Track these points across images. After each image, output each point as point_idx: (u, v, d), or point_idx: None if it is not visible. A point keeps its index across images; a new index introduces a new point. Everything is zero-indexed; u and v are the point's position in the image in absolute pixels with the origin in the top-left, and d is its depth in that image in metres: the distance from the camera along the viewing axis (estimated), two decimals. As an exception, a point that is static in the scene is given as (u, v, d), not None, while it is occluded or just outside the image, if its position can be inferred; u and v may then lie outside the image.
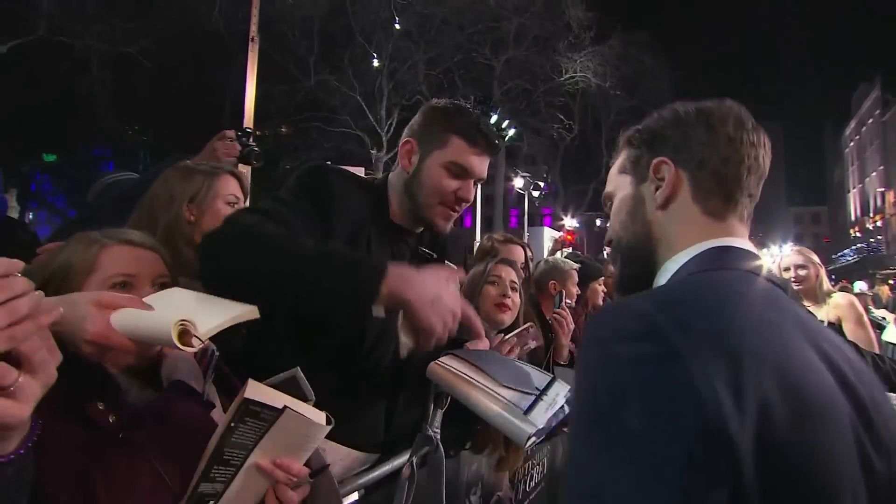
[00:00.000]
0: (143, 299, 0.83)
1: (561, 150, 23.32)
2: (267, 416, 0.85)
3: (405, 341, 1.18)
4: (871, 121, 42.48)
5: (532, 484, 2.22)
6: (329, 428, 0.91)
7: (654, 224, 0.82)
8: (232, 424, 0.83)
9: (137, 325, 0.80)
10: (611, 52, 20.44)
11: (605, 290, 3.33)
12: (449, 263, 1.46)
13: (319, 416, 0.91)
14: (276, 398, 0.87)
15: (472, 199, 1.33)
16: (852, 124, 48.63)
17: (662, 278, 0.79)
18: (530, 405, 1.15)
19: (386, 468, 1.31)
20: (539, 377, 1.30)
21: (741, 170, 0.80)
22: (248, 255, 1.03)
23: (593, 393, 0.61)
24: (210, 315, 0.83)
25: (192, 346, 0.78)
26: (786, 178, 65.52)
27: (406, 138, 1.34)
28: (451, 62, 19.08)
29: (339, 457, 1.26)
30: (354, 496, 1.27)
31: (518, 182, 20.24)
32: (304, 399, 0.92)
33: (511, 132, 16.95)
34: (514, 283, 2.04)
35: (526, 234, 17.67)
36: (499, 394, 1.18)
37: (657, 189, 0.82)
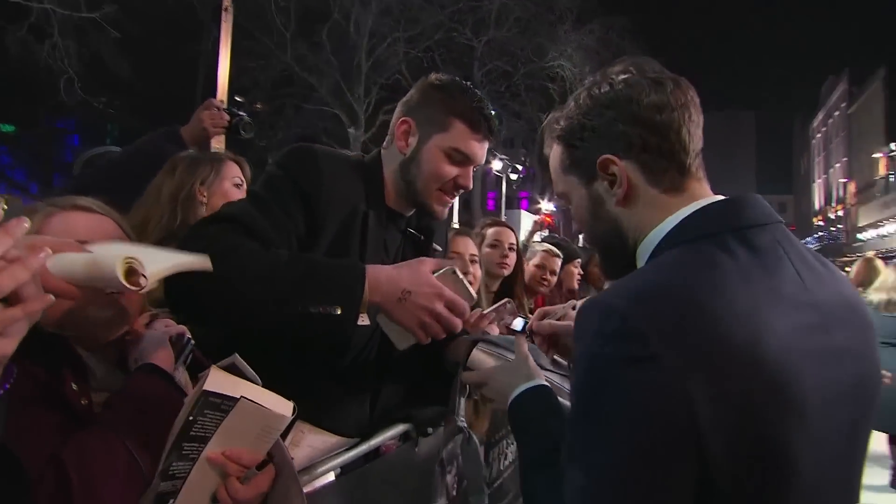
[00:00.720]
0: (85, 247, 0.76)
1: (539, 133, 23.31)
2: (227, 406, 0.82)
3: (398, 337, 1.13)
4: (837, 113, 43.63)
5: (506, 462, 2.27)
6: (291, 419, 0.88)
7: (618, 219, 0.81)
8: (191, 418, 0.79)
9: (77, 266, 0.73)
10: (591, 36, 20.40)
11: (581, 272, 3.40)
12: (436, 246, 1.42)
13: (284, 406, 0.87)
14: (237, 387, 0.83)
15: (471, 186, 1.28)
16: (820, 116, 49.90)
17: (640, 262, 0.79)
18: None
19: (363, 448, 1.32)
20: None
21: (682, 135, 0.76)
22: (219, 289, 0.97)
23: (580, 388, 0.65)
24: (158, 258, 0.78)
25: (140, 286, 0.72)
26: (756, 167, 67.14)
27: (403, 117, 1.25)
28: (432, 41, 18.76)
29: (320, 441, 1.26)
30: (331, 476, 1.28)
31: (496, 165, 20.20)
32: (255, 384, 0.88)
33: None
34: (474, 255, 2.06)
35: (503, 217, 17.73)
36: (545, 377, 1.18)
37: (611, 185, 0.79)
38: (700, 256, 0.69)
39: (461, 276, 1.12)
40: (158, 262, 0.77)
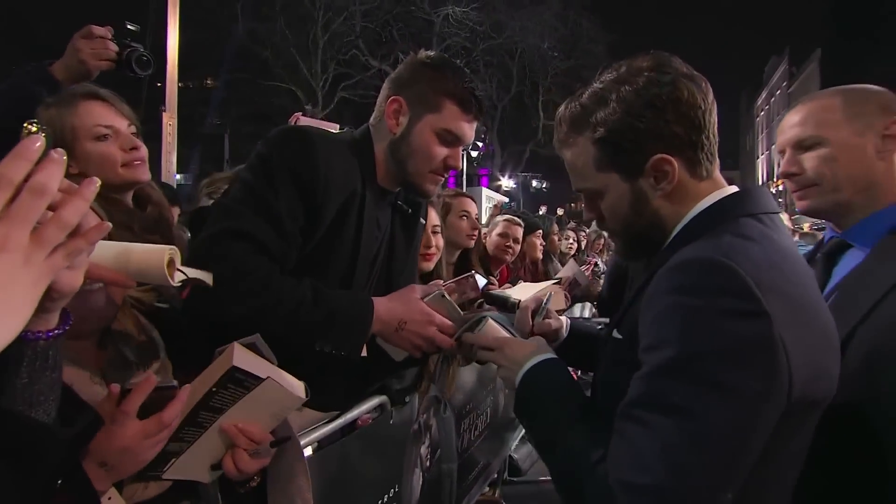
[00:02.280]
0: None
1: (499, 110, 23.34)
2: (250, 384, 0.85)
3: (394, 352, 1.22)
4: (779, 92, 45.55)
5: (476, 433, 2.35)
6: (305, 399, 0.92)
7: (660, 211, 0.85)
8: (213, 389, 0.82)
9: (114, 255, 0.74)
10: (549, 12, 20.41)
11: (544, 243, 3.47)
12: (422, 220, 1.45)
13: (299, 388, 0.92)
14: (261, 366, 0.87)
15: (460, 166, 1.28)
16: (763, 94, 51.94)
17: (666, 241, 0.86)
18: None
19: (339, 422, 1.34)
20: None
21: (714, 129, 0.84)
22: (248, 309, 1.07)
23: (679, 340, 0.70)
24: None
25: (173, 281, 0.76)
26: (706, 144, 69.37)
27: (393, 95, 1.23)
28: (389, 15, 18.33)
29: (297, 415, 1.27)
30: (309, 450, 1.29)
31: (457, 142, 20.01)
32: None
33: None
34: (436, 226, 2.07)
35: (465, 195, 17.72)
36: None
37: (657, 181, 0.83)
38: (753, 230, 0.78)
39: (449, 297, 1.21)
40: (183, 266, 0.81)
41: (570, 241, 4.53)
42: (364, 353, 1.15)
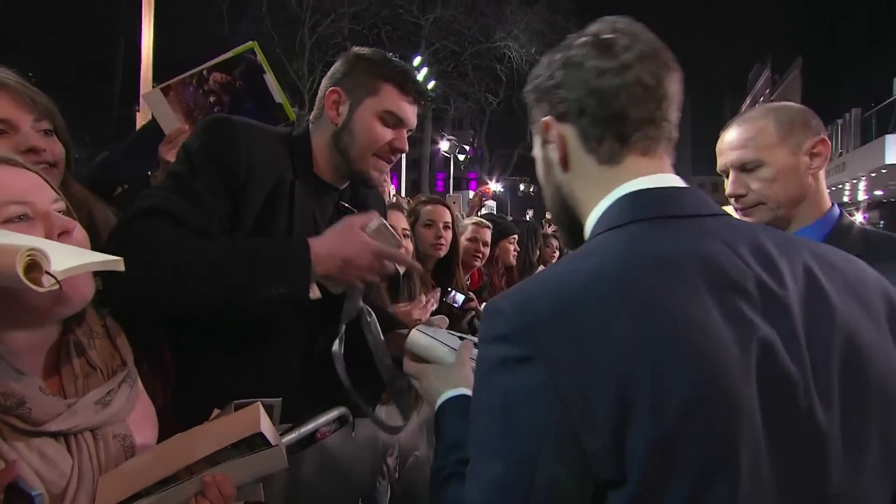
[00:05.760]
0: None
1: (488, 114, 23.42)
2: (261, 448, 0.81)
3: (331, 284, 1.16)
4: (762, 99, 46.44)
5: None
6: (287, 466, 0.91)
7: (562, 187, 0.77)
8: (225, 448, 0.79)
9: None
10: (537, 17, 20.55)
11: (517, 249, 3.39)
12: None
13: (284, 449, 0.89)
14: (272, 430, 0.85)
15: (407, 148, 1.27)
16: (747, 101, 52.93)
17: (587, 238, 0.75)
18: None
19: (294, 435, 1.27)
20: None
21: (622, 101, 0.70)
22: (162, 276, 0.99)
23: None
24: (68, 254, 0.70)
25: (42, 286, 0.63)
26: (691, 148, 70.60)
27: (331, 87, 1.24)
28: (378, 17, 18.31)
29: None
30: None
31: (444, 145, 20.17)
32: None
33: (433, 90, 16.71)
34: (405, 229, 2.08)
35: (450, 197, 17.79)
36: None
37: (553, 149, 0.76)
38: (624, 238, 0.66)
39: (388, 225, 1.17)
40: (69, 259, 0.68)
41: (554, 248, 4.44)
42: (318, 294, 1.09)
